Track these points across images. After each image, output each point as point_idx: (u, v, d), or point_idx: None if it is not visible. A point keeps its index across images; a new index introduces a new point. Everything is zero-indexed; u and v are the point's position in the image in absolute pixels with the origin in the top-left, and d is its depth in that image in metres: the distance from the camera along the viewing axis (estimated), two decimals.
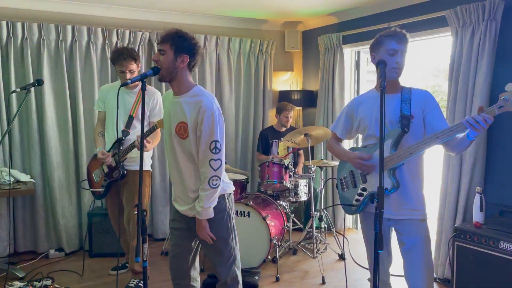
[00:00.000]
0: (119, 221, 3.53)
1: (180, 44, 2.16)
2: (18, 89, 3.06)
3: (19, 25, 3.98)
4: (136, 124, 3.34)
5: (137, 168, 3.27)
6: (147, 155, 3.49)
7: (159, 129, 3.24)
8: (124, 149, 3.27)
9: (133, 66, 3.25)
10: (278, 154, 4.74)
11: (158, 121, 3.11)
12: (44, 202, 4.21)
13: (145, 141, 3.06)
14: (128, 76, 3.25)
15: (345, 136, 2.52)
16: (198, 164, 2.24)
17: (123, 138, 3.28)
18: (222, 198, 2.34)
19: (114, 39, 4.37)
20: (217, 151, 2.18)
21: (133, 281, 3.43)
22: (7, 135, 3.82)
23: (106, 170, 3.39)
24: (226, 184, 2.38)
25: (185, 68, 2.21)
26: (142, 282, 3.41)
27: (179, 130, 2.23)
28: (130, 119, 3.31)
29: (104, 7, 4.39)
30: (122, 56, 3.21)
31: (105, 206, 3.87)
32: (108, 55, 4.33)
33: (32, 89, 3.89)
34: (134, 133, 3.32)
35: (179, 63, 2.17)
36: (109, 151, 3.34)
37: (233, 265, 2.42)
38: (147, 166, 3.49)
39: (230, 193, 2.42)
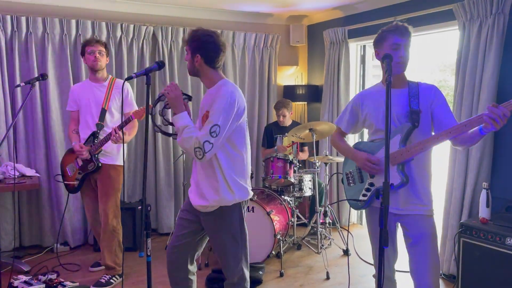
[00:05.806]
0: (94, 215, 3.54)
1: (192, 45, 2.29)
2: (23, 84, 3.06)
3: (23, 19, 3.97)
4: (110, 117, 3.39)
5: (112, 162, 3.38)
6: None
7: (135, 120, 3.29)
8: (99, 141, 3.30)
9: (103, 49, 3.37)
10: None
11: (134, 112, 3.19)
12: (49, 196, 4.22)
13: (121, 133, 3.09)
14: (96, 55, 3.33)
15: (350, 130, 2.50)
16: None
17: (98, 131, 3.34)
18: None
19: (119, 34, 4.36)
20: (215, 135, 2.16)
21: (105, 276, 3.44)
22: (12, 129, 3.82)
23: (80, 163, 3.40)
24: (246, 189, 2.40)
25: (204, 65, 2.30)
26: (114, 277, 3.44)
27: (204, 120, 2.29)
28: (103, 112, 3.37)
29: (108, 1, 4.37)
30: (93, 40, 3.41)
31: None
32: (113, 49, 4.33)
33: (37, 83, 3.87)
34: (109, 126, 3.37)
35: (195, 62, 2.30)
36: (84, 144, 3.37)
37: (240, 264, 2.41)
38: (121, 161, 3.42)
39: (247, 200, 2.45)
